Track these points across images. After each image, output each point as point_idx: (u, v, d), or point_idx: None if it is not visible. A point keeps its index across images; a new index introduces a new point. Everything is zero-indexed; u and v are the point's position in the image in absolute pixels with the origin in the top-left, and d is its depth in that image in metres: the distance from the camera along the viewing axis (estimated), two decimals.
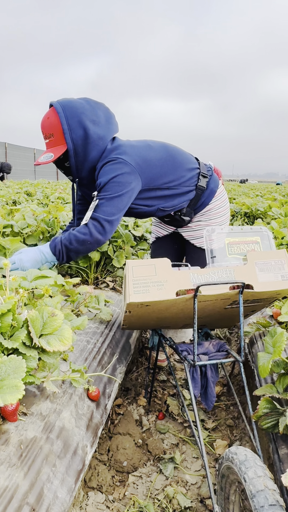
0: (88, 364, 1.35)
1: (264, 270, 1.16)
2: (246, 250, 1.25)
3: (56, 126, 1.54)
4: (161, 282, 1.09)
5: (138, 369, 2.00)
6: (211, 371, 1.24)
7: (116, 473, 1.36)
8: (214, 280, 1.12)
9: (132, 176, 1.56)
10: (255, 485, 0.79)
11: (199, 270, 1.13)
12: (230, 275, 1.13)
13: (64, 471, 0.97)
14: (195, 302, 1.09)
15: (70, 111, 1.53)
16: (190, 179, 1.73)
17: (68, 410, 1.11)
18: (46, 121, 1.57)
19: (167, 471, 1.34)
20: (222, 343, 1.29)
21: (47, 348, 0.93)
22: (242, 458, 0.87)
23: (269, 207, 3.91)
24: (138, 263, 1.11)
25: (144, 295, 1.07)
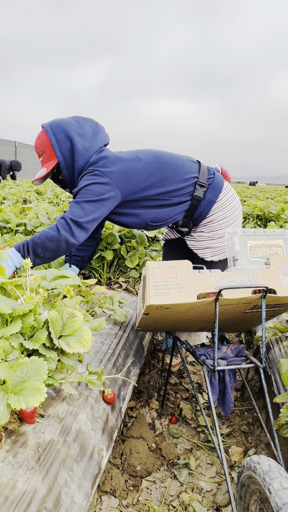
0: (103, 366, 1.33)
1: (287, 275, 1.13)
2: (268, 253, 1.22)
3: (46, 143, 1.65)
4: (182, 284, 1.06)
5: (150, 371, 1.97)
6: (229, 376, 1.21)
7: (130, 477, 1.34)
8: (236, 283, 1.09)
9: (106, 187, 1.58)
10: (281, 498, 0.76)
11: (221, 273, 1.11)
12: (253, 279, 1.10)
13: (81, 475, 0.95)
14: (217, 306, 1.06)
15: (57, 127, 1.64)
16: (184, 189, 1.67)
17: (84, 412, 1.09)
18: (38, 140, 1.69)
19: (181, 477, 1.32)
20: (241, 348, 1.27)
21: (66, 349, 0.91)
22: (266, 468, 0.84)
23: (282, 210, 3.86)
24: (159, 265, 1.09)
25: (165, 298, 1.05)
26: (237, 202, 1.77)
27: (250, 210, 4.21)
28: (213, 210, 1.70)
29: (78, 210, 1.56)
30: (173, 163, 1.68)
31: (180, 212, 1.70)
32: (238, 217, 1.77)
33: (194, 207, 1.69)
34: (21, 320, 0.87)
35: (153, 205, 1.68)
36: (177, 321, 1.29)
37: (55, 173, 1.74)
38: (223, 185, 1.73)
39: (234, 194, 1.78)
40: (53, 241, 1.51)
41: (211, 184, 1.70)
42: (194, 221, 1.73)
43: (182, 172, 1.67)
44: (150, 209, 1.68)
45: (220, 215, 1.71)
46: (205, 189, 1.68)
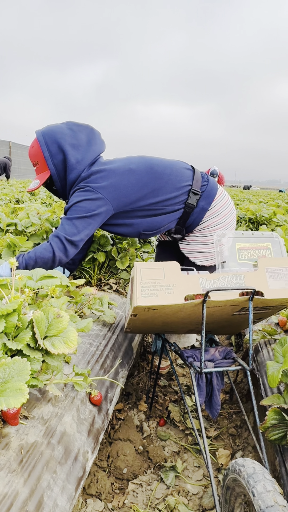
0: (91, 367, 1.32)
1: (275, 277, 1.13)
2: (257, 256, 1.23)
3: (38, 154, 1.63)
4: (169, 286, 1.06)
5: (139, 373, 1.96)
6: (216, 378, 1.21)
7: (116, 480, 1.33)
8: (224, 285, 1.09)
9: (98, 203, 1.58)
10: (264, 501, 0.76)
11: (209, 275, 1.10)
12: (240, 281, 1.10)
13: (64, 478, 0.94)
14: (204, 307, 1.06)
15: (50, 138, 1.61)
16: (178, 197, 1.66)
17: (69, 414, 1.08)
18: (31, 150, 1.67)
19: (168, 480, 1.31)
20: (229, 350, 1.26)
21: (51, 350, 0.90)
22: (250, 471, 0.84)
23: (274, 214, 3.89)
24: (147, 266, 1.08)
25: (152, 299, 1.05)
26: (231, 209, 1.76)
27: (243, 213, 4.23)
28: (206, 217, 1.70)
29: (71, 227, 1.57)
30: (166, 172, 1.67)
31: (173, 220, 1.70)
32: (232, 223, 1.77)
33: (187, 215, 1.68)
34: (4, 319, 0.86)
35: (146, 215, 1.67)
36: (165, 323, 1.29)
37: (49, 184, 1.75)
38: (216, 192, 1.72)
39: (229, 200, 1.77)
40: (47, 262, 1.58)
41: (204, 192, 1.69)
42: (187, 228, 1.73)
43: (176, 181, 1.66)
44: (143, 219, 1.68)
45: (214, 221, 1.70)
46: (198, 196, 1.67)
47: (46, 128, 1.65)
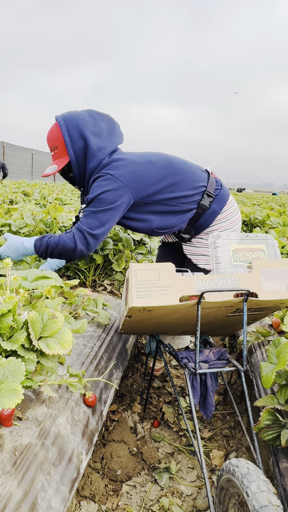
0: (85, 369, 1.32)
1: (269, 279, 1.14)
2: (251, 257, 1.23)
3: (58, 138, 1.59)
4: (164, 287, 1.06)
5: (133, 375, 1.96)
6: (211, 379, 1.21)
7: (110, 481, 1.32)
8: (219, 287, 1.10)
9: (119, 192, 1.57)
10: (258, 500, 0.76)
11: (204, 276, 1.11)
12: (235, 283, 1.11)
13: (58, 479, 0.94)
14: (199, 308, 1.07)
15: (72, 124, 1.58)
16: (193, 196, 1.68)
17: (64, 415, 1.08)
18: (50, 134, 1.62)
19: (162, 481, 1.31)
20: (223, 351, 1.27)
21: (46, 351, 0.90)
22: (244, 471, 0.85)
23: (267, 216, 3.92)
24: (142, 267, 1.08)
25: (147, 300, 1.05)
26: (238, 217, 1.80)
27: None
28: (216, 220, 1.72)
29: (95, 220, 1.57)
30: (184, 169, 1.68)
31: (185, 221, 1.71)
32: (238, 231, 1.80)
33: (198, 216, 1.70)
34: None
35: (162, 211, 1.67)
36: (160, 324, 1.29)
37: (66, 170, 1.70)
38: (228, 198, 1.75)
39: (237, 209, 1.81)
40: (69, 252, 1.59)
41: (217, 195, 1.72)
42: (196, 229, 1.74)
43: (193, 179, 1.68)
44: (158, 215, 1.68)
45: (222, 226, 1.73)
46: (211, 199, 1.69)
47: (68, 113, 1.62)
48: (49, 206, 2.60)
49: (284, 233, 3.02)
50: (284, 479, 0.97)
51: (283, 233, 3.01)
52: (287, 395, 1.09)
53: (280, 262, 1.16)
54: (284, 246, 2.35)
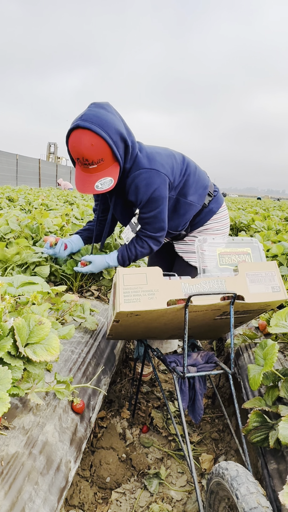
0: (73, 375, 1.31)
1: (255, 282, 1.16)
2: (237, 261, 1.25)
3: (104, 149, 1.41)
4: (152, 291, 1.07)
5: (122, 380, 1.95)
6: (199, 383, 1.22)
7: (99, 489, 1.31)
8: (206, 290, 1.11)
9: (165, 185, 1.57)
10: (248, 503, 0.77)
11: (191, 280, 1.12)
12: (222, 286, 1.12)
13: (46, 489, 0.92)
14: (186, 312, 1.07)
15: (109, 128, 1.40)
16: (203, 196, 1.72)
17: (51, 423, 1.06)
18: (92, 148, 1.39)
19: (151, 487, 1.30)
20: (211, 354, 1.27)
21: (33, 358, 0.89)
22: (233, 474, 0.85)
23: (252, 220, 3.97)
24: (129, 271, 1.09)
25: (135, 304, 1.05)
26: (228, 221, 1.88)
27: None
28: (211, 220, 1.78)
29: (159, 223, 1.59)
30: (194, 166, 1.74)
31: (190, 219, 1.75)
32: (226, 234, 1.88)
33: (198, 212, 1.75)
34: None
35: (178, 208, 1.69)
36: (148, 329, 1.29)
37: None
38: (223, 201, 1.83)
39: (227, 214, 1.88)
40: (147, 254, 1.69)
41: (215, 196, 1.79)
42: (192, 226, 1.79)
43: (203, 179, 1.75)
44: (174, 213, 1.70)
45: (215, 226, 1.79)
46: (211, 198, 1.76)
47: (94, 118, 1.39)
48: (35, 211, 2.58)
49: (268, 237, 3.06)
50: (273, 480, 0.97)
51: (267, 237, 3.06)
52: (274, 396, 1.10)
53: (265, 265, 1.18)
54: (269, 250, 2.38)
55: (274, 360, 1.00)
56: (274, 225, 3.80)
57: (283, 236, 2.83)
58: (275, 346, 1.03)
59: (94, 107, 1.43)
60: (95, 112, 1.40)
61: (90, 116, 1.39)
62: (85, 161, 1.42)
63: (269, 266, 1.18)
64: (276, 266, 1.20)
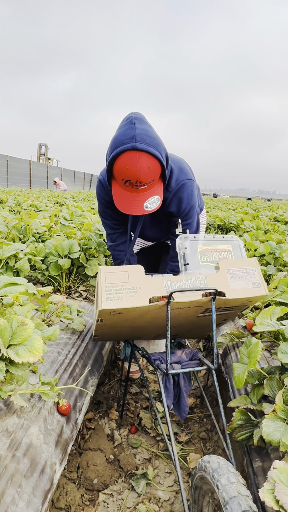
0: (59, 377, 1.30)
1: (236, 278, 1.17)
2: (218, 258, 1.26)
3: (157, 171, 1.39)
4: (134, 289, 1.07)
5: (110, 381, 1.94)
6: (184, 380, 1.22)
7: (86, 491, 1.30)
8: (187, 287, 1.11)
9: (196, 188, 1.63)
10: (228, 492, 0.77)
11: (172, 277, 1.12)
12: (203, 282, 1.13)
13: (30, 491, 0.91)
14: (168, 309, 1.08)
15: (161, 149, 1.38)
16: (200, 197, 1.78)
17: (36, 425, 1.05)
18: (148, 171, 1.35)
19: (139, 488, 1.30)
20: (195, 352, 1.28)
21: (15, 359, 0.88)
22: (215, 465, 0.85)
23: (242, 221, 3.99)
24: (111, 270, 1.09)
25: (117, 302, 1.05)
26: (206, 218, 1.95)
27: (212, 220, 4.32)
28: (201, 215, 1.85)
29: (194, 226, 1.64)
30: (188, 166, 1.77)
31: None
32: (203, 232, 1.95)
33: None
34: None
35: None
36: (132, 328, 1.29)
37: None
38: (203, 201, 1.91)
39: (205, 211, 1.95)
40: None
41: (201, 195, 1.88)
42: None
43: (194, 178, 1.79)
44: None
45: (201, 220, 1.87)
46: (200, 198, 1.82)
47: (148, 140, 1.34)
48: (23, 212, 2.57)
49: (257, 237, 3.08)
50: (258, 478, 0.98)
51: (256, 237, 3.08)
52: (259, 394, 1.10)
53: (246, 262, 1.20)
54: (256, 249, 2.40)
55: (258, 358, 1.01)
56: (263, 225, 3.83)
57: (271, 235, 2.86)
58: (258, 344, 1.04)
59: (140, 124, 1.37)
60: (145, 132, 1.35)
61: (143, 136, 1.33)
62: (138, 183, 1.36)
63: (249, 263, 1.20)
64: (257, 262, 1.22)
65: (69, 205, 5.24)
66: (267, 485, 0.67)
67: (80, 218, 3.34)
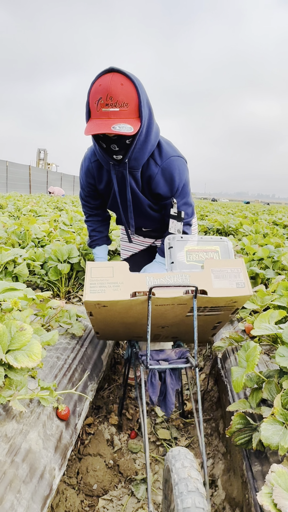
0: (58, 382, 1.30)
1: (220, 277, 1.18)
2: (204, 258, 1.28)
3: (132, 96, 1.28)
4: (117, 283, 1.11)
5: (110, 386, 1.94)
6: (170, 377, 1.23)
7: (86, 497, 1.29)
8: (169, 283, 1.13)
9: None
10: (179, 474, 0.81)
11: (156, 274, 1.15)
12: (186, 280, 1.14)
13: (29, 497, 0.91)
14: (149, 303, 1.09)
15: (140, 84, 1.31)
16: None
17: (35, 430, 1.05)
18: (120, 87, 1.26)
19: (139, 493, 1.29)
20: (184, 351, 1.29)
21: (14, 364, 0.88)
22: (175, 452, 0.90)
23: (240, 224, 4.01)
24: (97, 265, 1.14)
25: (100, 295, 1.09)
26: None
27: (211, 224, 4.33)
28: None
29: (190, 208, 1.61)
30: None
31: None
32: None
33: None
34: None
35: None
36: (125, 325, 1.30)
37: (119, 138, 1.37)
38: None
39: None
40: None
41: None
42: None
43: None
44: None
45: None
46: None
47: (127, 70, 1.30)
48: (22, 218, 2.58)
49: (256, 240, 3.09)
50: (257, 482, 0.98)
51: (255, 240, 3.09)
52: (258, 398, 1.10)
53: (232, 262, 1.20)
54: (255, 253, 2.40)
55: (256, 362, 1.01)
56: (262, 228, 3.84)
57: (270, 239, 2.87)
58: (256, 348, 1.04)
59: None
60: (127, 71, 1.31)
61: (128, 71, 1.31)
62: (108, 99, 1.26)
63: (235, 263, 1.20)
64: (243, 263, 1.21)
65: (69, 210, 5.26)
66: (265, 488, 0.67)
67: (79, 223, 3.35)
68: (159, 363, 1.20)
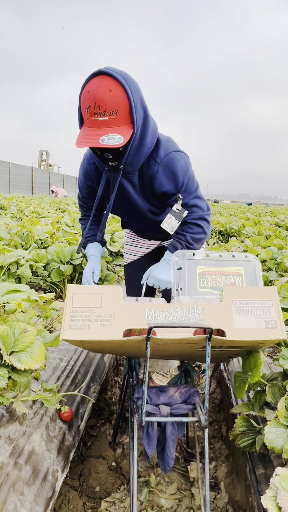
0: (61, 383, 1.30)
1: (243, 313, 0.91)
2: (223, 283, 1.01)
3: (122, 101, 1.21)
4: (106, 316, 0.88)
5: (112, 387, 1.94)
6: (172, 427, 1.00)
7: (88, 499, 1.29)
8: (176, 319, 0.89)
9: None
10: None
11: (159, 305, 0.90)
12: (198, 315, 0.89)
13: (32, 499, 0.91)
14: (148, 346, 0.84)
15: (132, 85, 1.23)
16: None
17: (38, 432, 1.05)
18: (110, 94, 1.19)
19: (141, 496, 1.29)
20: (192, 392, 1.05)
21: (18, 366, 0.88)
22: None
23: (243, 226, 4.00)
24: (82, 290, 0.91)
25: (82, 332, 0.86)
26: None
27: (213, 225, 4.33)
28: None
29: (203, 201, 1.55)
30: None
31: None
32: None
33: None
34: None
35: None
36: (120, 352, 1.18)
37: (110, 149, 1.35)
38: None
39: None
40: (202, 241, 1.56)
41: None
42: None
43: None
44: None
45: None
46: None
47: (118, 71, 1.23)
48: (25, 219, 2.58)
49: (258, 242, 3.09)
50: (260, 485, 0.97)
51: (258, 243, 3.08)
52: (262, 401, 1.10)
53: (260, 291, 0.93)
54: (258, 255, 2.40)
55: (261, 371, 0.99)
56: (265, 230, 3.84)
57: (272, 241, 2.86)
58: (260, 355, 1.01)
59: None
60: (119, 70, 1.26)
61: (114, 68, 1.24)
62: (96, 108, 1.19)
63: (265, 293, 0.92)
64: (276, 292, 0.93)
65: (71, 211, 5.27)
66: (269, 492, 0.67)
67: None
68: (158, 408, 0.98)
